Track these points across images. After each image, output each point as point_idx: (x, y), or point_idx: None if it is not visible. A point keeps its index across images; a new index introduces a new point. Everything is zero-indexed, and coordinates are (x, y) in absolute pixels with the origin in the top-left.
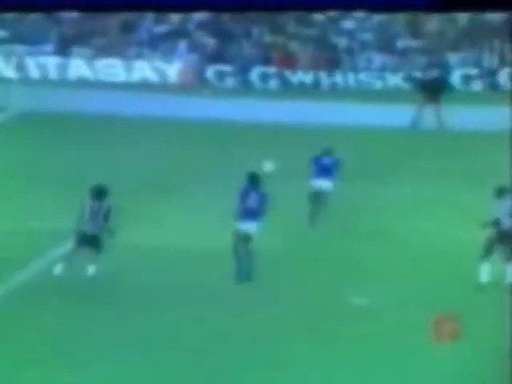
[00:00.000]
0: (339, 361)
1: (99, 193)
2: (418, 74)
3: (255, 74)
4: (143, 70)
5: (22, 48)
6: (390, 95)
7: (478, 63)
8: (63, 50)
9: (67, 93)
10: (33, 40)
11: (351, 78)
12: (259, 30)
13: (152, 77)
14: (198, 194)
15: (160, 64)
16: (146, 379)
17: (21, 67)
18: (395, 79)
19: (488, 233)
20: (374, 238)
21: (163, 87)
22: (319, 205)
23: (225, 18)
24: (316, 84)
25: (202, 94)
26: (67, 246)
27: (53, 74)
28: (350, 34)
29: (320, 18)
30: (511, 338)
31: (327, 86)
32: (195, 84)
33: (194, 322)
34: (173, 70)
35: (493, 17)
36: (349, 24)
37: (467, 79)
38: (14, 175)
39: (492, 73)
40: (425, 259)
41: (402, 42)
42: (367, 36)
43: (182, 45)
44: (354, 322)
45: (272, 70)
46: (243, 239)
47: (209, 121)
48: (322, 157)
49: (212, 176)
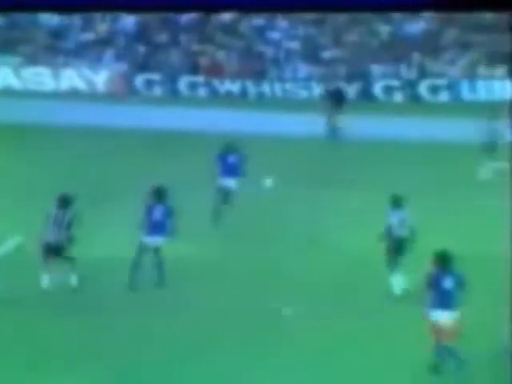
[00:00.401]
0: (253, 369)
1: (64, 201)
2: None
3: (183, 82)
4: (71, 78)
5: None
6: (315, 105)
7: (398, 75)
8: None
9: None
10: None
11: (278, 88)
12: (187, 39)
13: (80, 85)
14: (128, 204)
15: (88, 72)
16: None
17: None
18: (320, 89)
19: (386, 243)
20: (299, 246)
21: (92, 96)
22: (226, 203)
23: (153, 26)
24: (243, 93)
25: (131, 102)
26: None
27: None
28: (276, 44)
29: (247, 27)
30: (511, 337)
31: (254, 96)
32: (124, 92)
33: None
34: (101, 79)
35: (413, 29)
36: (275, 34)
37: (389, 90)
38: None
39: (412, 84)
40: (350, 269)
41: (327, 53)
42: (293, 46)
43: (110, 53)
44: (272, 329)
45: (200, 78)
46: (151, 251)
47: (137, 129)
48: (227, 155)
49: (141, 186)
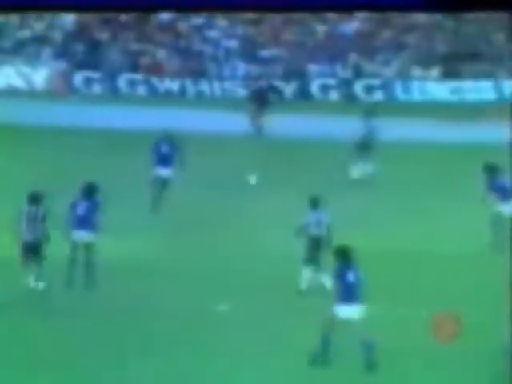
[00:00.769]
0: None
1: (35, 198)
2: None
3: (123, 80)
4: (9, 76)
5: None
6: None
7: (334, 74)
8: None
9: None
10: None
11: (216, 86)
12: (126, 37)
13: (19, 83)
14: (65, 202)
15: (26, 70)
16: None
17: None
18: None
19: (306, 241)
20: (224, 243)
21: (30, 94)
22: (161, 191)
23: (93, 25)
24: (182, 92)
25: (70, 100)
26: None
27: None
28: (215, 43)
29: (185, 25)
30: (511, 337)
31: (193, 94)
32: (63, 90)
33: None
34: (40, 77)
35: (348, 29)
36: (213, 33)
37: (325, 89)
38: None
39: (347, 83)
40: (273, 266)
41: (265, 52)
42: (232, 45)
43: (48, 51)
44: (208, 326)
45: (139, 77)
46: (82, 248)
47: (77, 127)
48: (161, 143)
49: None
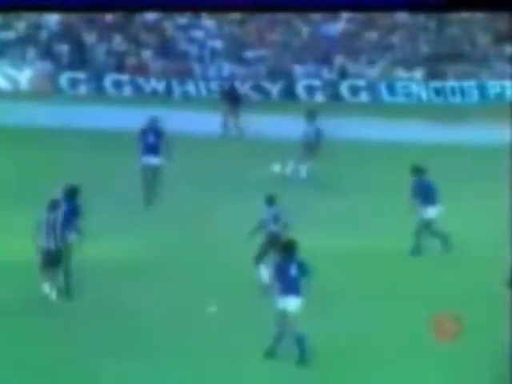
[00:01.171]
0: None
1: (53, 204)
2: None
3: (108, 81)
4: None
5: None
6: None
7: (319, 75)
8: None
9: None
10: None
11: (202, 87)
12: (112, 38)
13: (3, 84)
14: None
15: (11, 71)
16: None
17: None
18: (243, 89)
19: (263, 238)
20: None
21: (15, 95)
22: (152, 181)
23: (78, 25)
24: (168, 92)
25: (55, 101)
26: None
27: None
28: (201, 43)
29: (170, 26)
30: (511, 337)
31: (179, 94)
32: (48, 91)
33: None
34: (24, 77)
35: (333, 30)
36: (199, 33)
37: (310, 90)
38: None
39: (333, 84)
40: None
41: (250, 52)
42: (217, 45)
43: (33, 51)
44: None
45: (125, 77)
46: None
47: (62, 128)
48: (147, 132)
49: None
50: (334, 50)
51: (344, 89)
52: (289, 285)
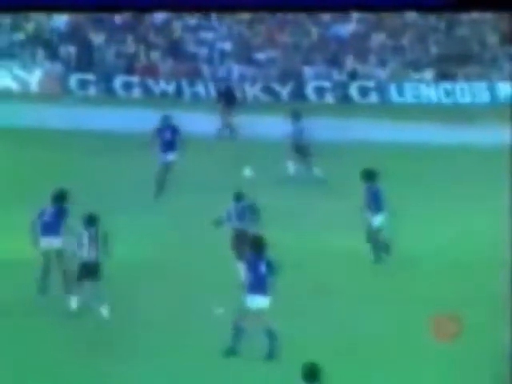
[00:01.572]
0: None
1: (91, 220)
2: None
3: (118, 82)
4: (4, 78)
5: None
6: (247, 106)
7: (329, 76)
8: None
9: None
10: None
11: (211, 88)
12: (121, 39)
13: (13, 86)
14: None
15: (21, 73)
16: None
17: None
18: (253, 90)
19: (231, 236)
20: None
21: (25, 96)
22: (165, 176)
23: (86, 26)
24: (178, 93)
25: (65, 102)
26: None
27: None
28: (210, 44)
29: (179, 27)
30: (511, 338)
31: (189, 96)
32: (58, 93)
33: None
34: (34, 79)
35: (343, 31)
36: (208, 34)
37: (320, 91)
38: None
39: (343, 86)
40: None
41: (260, 54)
42: (226, 46)
43: (42, 53)
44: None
45: (135, 78)
46: (54, 255)
47: (71, 130)
48: (164, 130)
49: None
50: (343, 52)
51: (354, 90)
52: (257, 282)
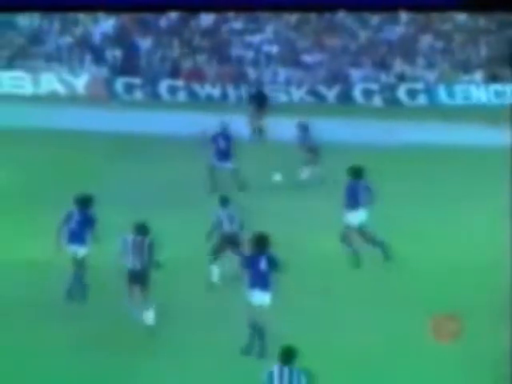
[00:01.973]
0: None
1: (142, 229)
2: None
3: (163, 86)
4: (51, 82)
5: None
6: (294, 109)
7: (377, 79)
8: None
9: None
10: None
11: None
12: (167, 43)
13: (60, 89)
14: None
15: (68, 76)
16: None
17: None
18: (299, 93)
19: (218, 239)
20: None
21: (72, 100)
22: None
23: (132, 30)
24: (223, 97)
25: (111, 106)
26: None
27: None
28: (256, 48)
29: (224, 30)
30: (511, 337)
31: (234, 99)
32: (104, 96)
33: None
34: (81, 82)
35: (392, 33)
36: (254, 37)
37: (368, 94)
38: None
39: (390, 88)
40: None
41: (307, 57)
42: (273, 49)
43: (89, 57)
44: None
45: (180, 82)
46: (75, 262)
47: (117, 133)
48: (218, 137)
49: (120, 190)
50: (391, 54)
51: (402, 92)
52: (257, 278)
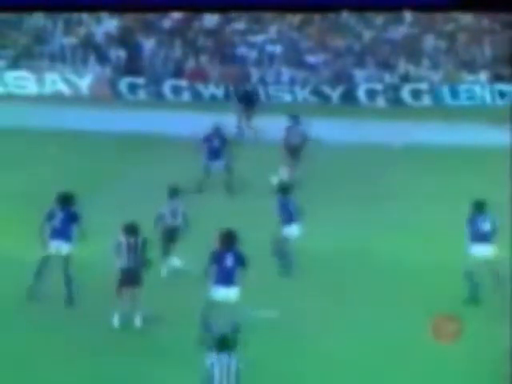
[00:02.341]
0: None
1: (133, 230)
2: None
3: (167, 86)
4: (55, 82)
5: None
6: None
7: (381, 79)
8: None
9: None
10: None
11: (261, 92)
12: (170, 43)
13: (64, 89)
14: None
15: (72, 76)
16: None
17: None
18: (303, 93)
19: (161, 230)
20: None
21: (76, 100)
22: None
23: (135, 30)
24: (227, 97)
25: (115, 106)
26: None
27: None
28: (259, 48)
29: (228, 30)
30: (511, 337)
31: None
32: (108, 96)
33: None
34: (84, 83)
35: (395, 34)
36: (257, 37)
37: (372, 94)
38: None
39: (394, 88)
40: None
41: (310, 57)
42: (276, 49)
43: (93, 57)
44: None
45: (184, 82)
46: (59, 260)
47: (122, 133)
48: (213, 137)
49: (124, 189)
50: (395, 54)
51: (406, 93)
52: (223, 274)
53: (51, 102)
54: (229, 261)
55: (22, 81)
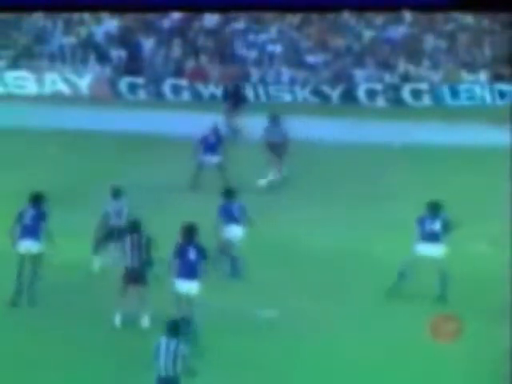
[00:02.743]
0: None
1: (134, 226)
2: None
3: (167, 86)
4: (55, 82)
5: None
6: (298, 108)
7: (381, 79)
8: None
9: None
10: None
11: (261, 92)
12: (170, 43)
13: (64, 89)
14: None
15: (72, 76)
16: None
17: None
18: (303, 93)
19: (104, 231)
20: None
21: (75, 100)
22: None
23: (135, 30)
24: (227, 97)
25: (115, 106)
26: None
27: None
28: (259, 48)
29: (227, 30)
30: (511, 337)
31: None
32: (107, 96)
33: None
34: (84, 82)
35: (395, 33)
36: (257, 37)
37: (372, 94)
38: None
39: (394, 88)
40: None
41: (310, 57)
42: (276, 49)
43: (93, 57)
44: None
45: (184, 82)
46: (28, 259)
47: (122, 133)
48: (208, 135)
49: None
50: (395, 54)
51: (406, 92)
52: (185, 267)
53: (51, 102)
54: (191, 254)
55: (21, 81)
